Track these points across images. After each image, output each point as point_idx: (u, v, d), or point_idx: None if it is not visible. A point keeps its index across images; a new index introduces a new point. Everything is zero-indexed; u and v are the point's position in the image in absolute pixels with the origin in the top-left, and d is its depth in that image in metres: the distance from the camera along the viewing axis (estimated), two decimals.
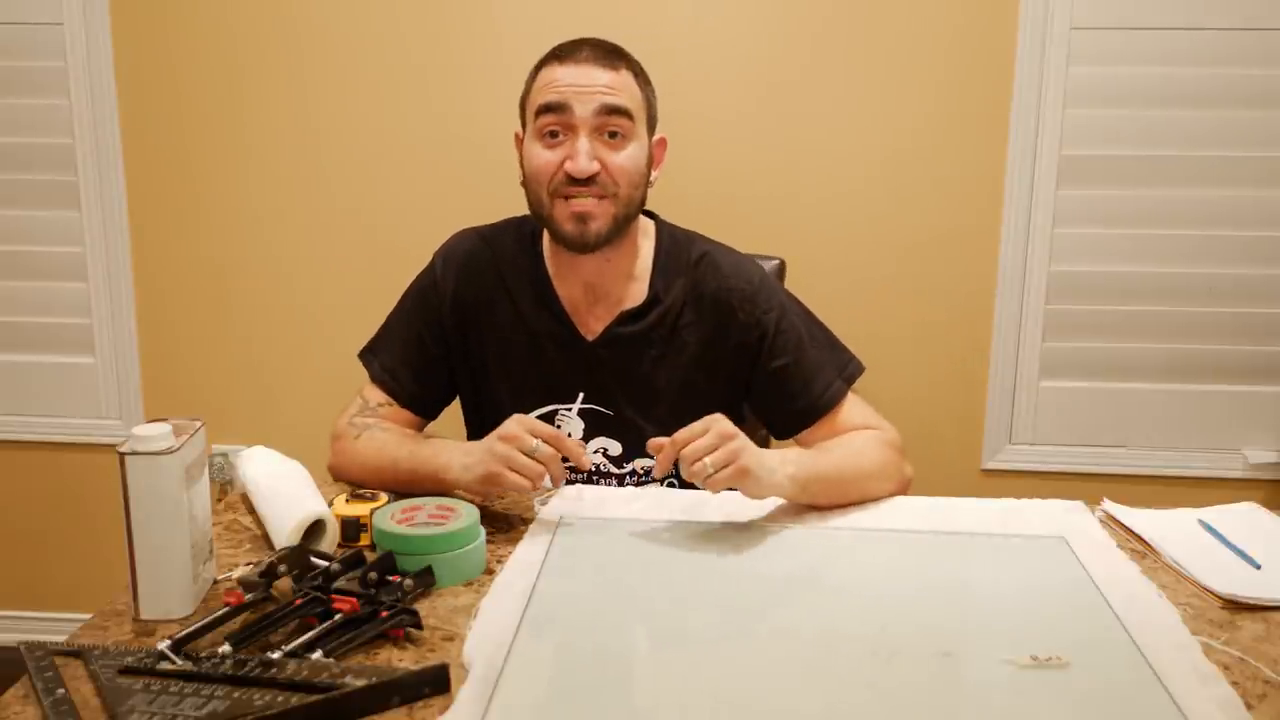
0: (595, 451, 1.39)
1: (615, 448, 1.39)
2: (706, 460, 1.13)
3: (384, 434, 1.33)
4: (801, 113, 2.01)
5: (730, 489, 1.17)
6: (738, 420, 1.31)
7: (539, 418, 1.37)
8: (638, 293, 1.39)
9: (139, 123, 2.09)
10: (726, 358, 1.39)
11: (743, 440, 1.16)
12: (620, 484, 1.40)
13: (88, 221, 2.13)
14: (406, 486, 1.23)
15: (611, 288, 1.38)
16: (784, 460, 1.21)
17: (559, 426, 1.38)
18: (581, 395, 1.38)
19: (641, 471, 1.40)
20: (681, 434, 1.16)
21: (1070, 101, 1.96)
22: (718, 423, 1.16)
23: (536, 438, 1.16)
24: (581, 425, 1.39)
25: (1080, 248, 2.02)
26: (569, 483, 1.38)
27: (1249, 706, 0.84)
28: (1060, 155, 1.98)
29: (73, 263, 2.15)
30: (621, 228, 1.33)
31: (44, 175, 2.12)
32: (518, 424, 1.17)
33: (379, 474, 1.28)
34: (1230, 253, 2.00)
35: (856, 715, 0.84)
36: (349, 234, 2.11)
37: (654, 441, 1.18)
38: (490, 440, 1.18)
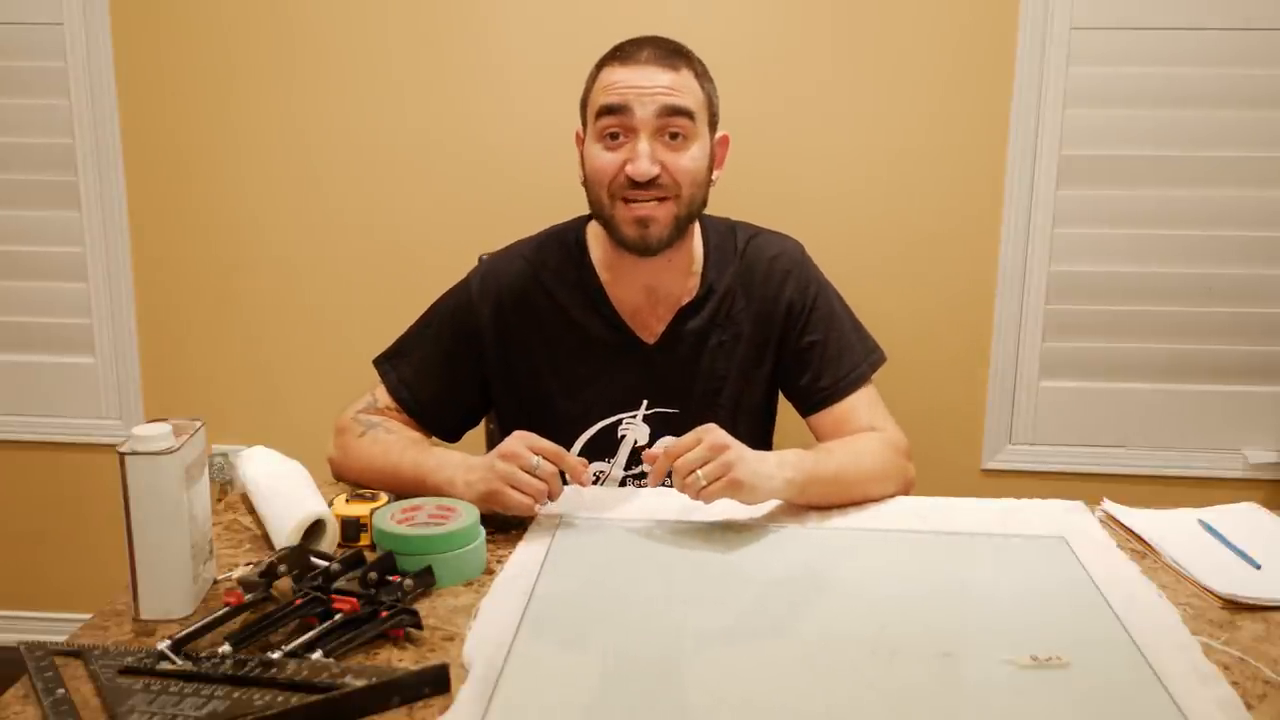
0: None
1: None
2: (699, 473, 1.12)
3: (389, 436, 1.31)
4: (801, 113, 2.01)
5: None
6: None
7: (602, 429, 1.37)
8: (693, 287, 1.39)
9: (139, 123, 2.09)
10: (774, 333, 1.40)
11: (736, 451, 1.15)
12: None
13: (88, 221, 2.13)
14: (405, 492, 1.23)
15: (670, 286, 1.38)
16: (781, 464, 1.20)
17: (623, 436, 1.38)
18: (646, 401, 1.36)
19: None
20: (674, 445, 1.16)
21: (1070, 101, 1.96)
22: (710, 434, 1.15)
23: (538, 454, 1.15)
24: (647, 430, 1.37)
25: (1080, 248, 2.02)
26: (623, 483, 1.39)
27: (1249, 706, 0.85)
28: (1060, 155, 1.98)
29: (73, 263, 2.15)
30: (683, 229, 1.32)
31: (44, 175, 2.12)
32: (519, 441, 1.17)
33: (379, 476, 1.27)
34: (1230, 253, 2.00)
35: (856, 715, 0.84)
36: (349, 234, 2.10)
37: (648, 453, 1.19)
38: (492, 458, 1.17)
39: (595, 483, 1.39)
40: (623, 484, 1.39)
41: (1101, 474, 2.08)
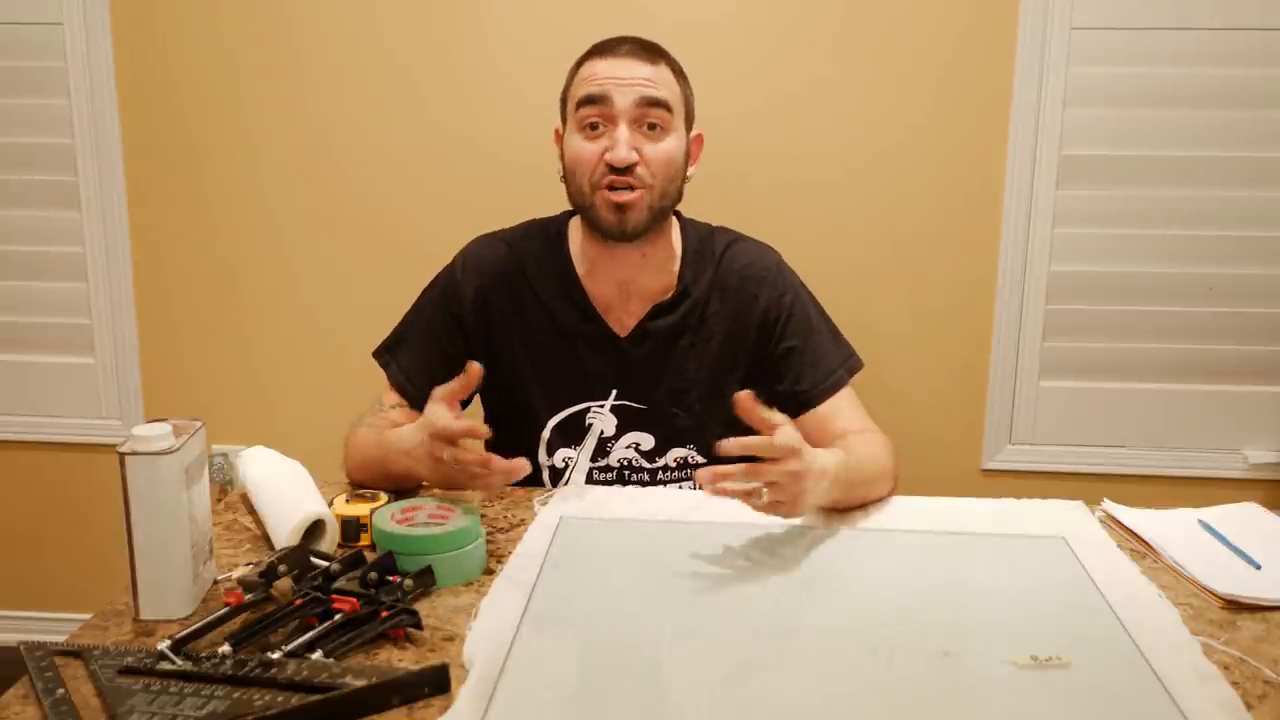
0: (627, 447, 1.39)
1: (648, 442, 1.40)
2: (765, 492, 1.08)
3: (367, 432, 1.33)
4: (801, 112, 2.01)
5: None
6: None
7: (571, 415, 1.39)
8: (668, 286, 1.40)
9: (139, 123, 2.09)
10: (748, 341, 1.41)
11: (808, 483, 1.10)
12: (652, 479, 1.40)
13: (88, 221, 2.13)
14: (397, 483, 1.24)
15: (645, 282, 1.40)
16: (834, 481, 1.16)
17: (590, 425, 1.39)
18: (615, 392, 1.39)
19: (674, 464, 1.40)
20: (755, 444, 1.07)
21: (1070, 101, 1.96)
22: (796, 458, 1.08)
23: (445, 439, 1.13)
24: (614, 421, 1.39)
25: (1080, 248, 2.02)
26: (594, 481, 1.39)
27: (1249, 706, 0.84)
28: (1060, 155, 1.98)
29: (73, 263, 2.15)
30: (658, 219, 1.35)
31: (44, 175, 2.12)
32: (423, 430, 1.15)
33: (368, 471, 1.29)
34: (1230, 253, 2.00)
35: (856, 714, 0.84)
36: (349, 234, 2.10)
37: (702, 472, 1.09)
38: (424, 455, 1.16)
39: (564, 469, 1.40)
40: (589, 474, 1.40)
41: (1101, 474, 2.08)
